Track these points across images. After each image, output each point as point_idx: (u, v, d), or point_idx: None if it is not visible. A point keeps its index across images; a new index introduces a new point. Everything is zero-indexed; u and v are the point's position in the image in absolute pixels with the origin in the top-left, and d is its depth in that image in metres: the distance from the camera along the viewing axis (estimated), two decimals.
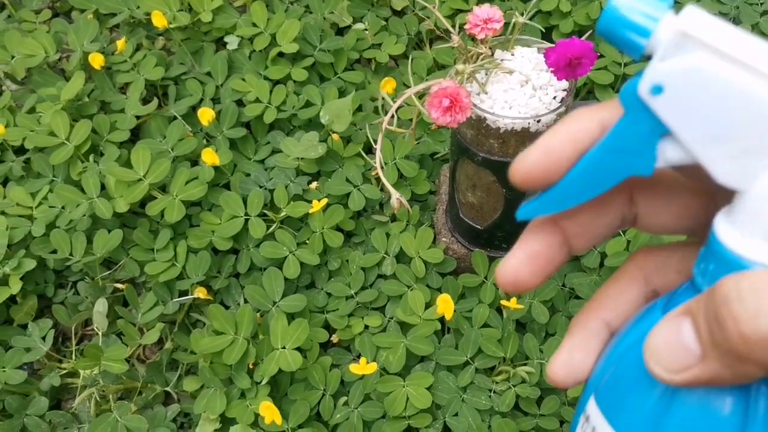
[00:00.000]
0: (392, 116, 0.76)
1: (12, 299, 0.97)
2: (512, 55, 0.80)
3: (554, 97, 0.77)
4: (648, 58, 0.22)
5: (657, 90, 0.22)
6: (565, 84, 0.78)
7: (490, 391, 0.86)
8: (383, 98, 0.77)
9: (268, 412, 0.76)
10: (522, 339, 0.88)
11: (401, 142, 1.01)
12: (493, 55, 0.79)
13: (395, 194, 0.73)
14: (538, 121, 0.75)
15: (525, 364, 0.86)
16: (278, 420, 0.77)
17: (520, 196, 0.85)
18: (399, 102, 0.76)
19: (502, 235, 0.91)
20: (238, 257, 0.97)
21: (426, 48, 1.17)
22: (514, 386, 0.85)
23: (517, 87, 0.77)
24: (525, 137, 0.77)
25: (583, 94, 1.12)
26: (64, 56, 1.19)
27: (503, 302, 0.85)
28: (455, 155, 0.85)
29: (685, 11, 0.21)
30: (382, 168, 0.74)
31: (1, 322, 0.95)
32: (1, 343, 0.91)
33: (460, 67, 0.74)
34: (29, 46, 1.10)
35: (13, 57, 1.11)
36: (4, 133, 1.01)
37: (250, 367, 0.86)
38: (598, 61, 1.11)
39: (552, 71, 0.69)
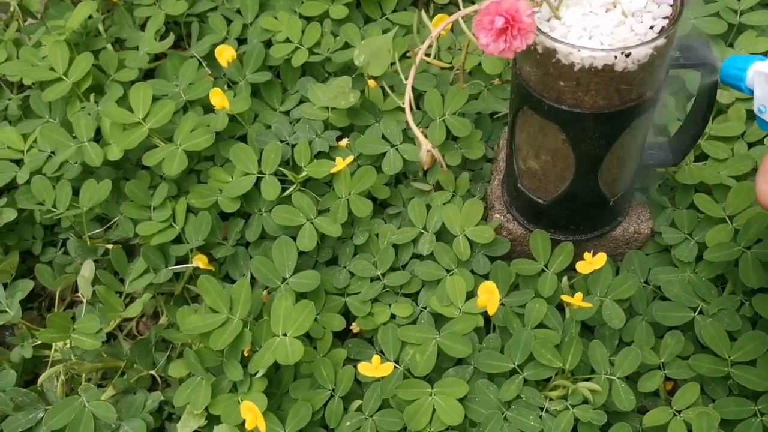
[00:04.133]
0: (430, 45, 0.57)
1: None
2: None
3: (651, 27, 0.57)
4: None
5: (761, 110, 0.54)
6: (667, 10, 0.58)
7: (542, 409, 0.67)
8: (422, 21, 0.59)
9: (251, 414, 0.60)
10: (587, 347, 0.69)
11: (453, 94, 0.82)
12: None
13: (426, 144, 0.55)
14: (628, 56, 0.55)
15: (589, 379, 0.67)
16: (262, 427, 0.61)
17: (595, 162, 0.65)
18: (441, 27, 0.58)
19: (569, 213, 0.72)
20: (247, 223, 0.81)
21: None
22: (573, 407, 0.66)
23: (600, 11, 0.58)
24: (608, 79, 0.57)
25: None
26: None
27: (564, 297, 0.66)
28: (515, 105, 0.67)
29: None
30: (411, 110, 0.56)
31: None
32: None
33: None
34: None
35: None
36: None
37: (245, 355, 0.70)
38: (708, 6, 0.89)
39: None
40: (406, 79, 0.61)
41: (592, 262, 0.66)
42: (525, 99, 0.63)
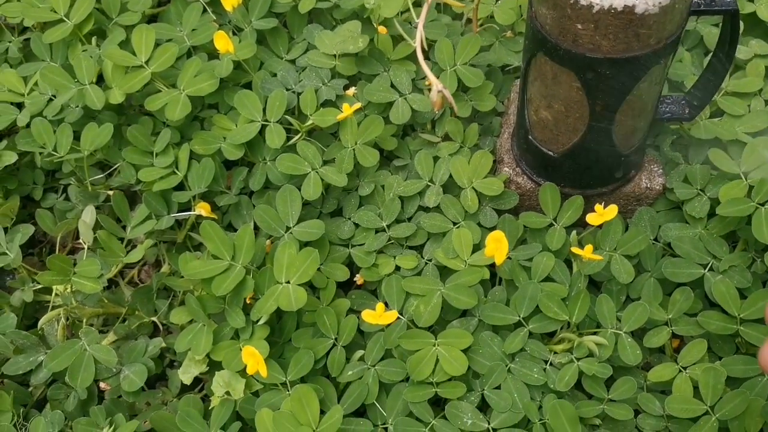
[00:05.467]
0: None
1: None
2: None
3: None
4: None
5: None
6: None
7: (546, 362, 0.66)
8: None
9: (252, 359, 0.60)
10: (593, 302, 0.68)
11: (465, 44, 0.80)
12: None
13: (437, 85, 0.53)
14: None
15: (595, 334, 0.66)
16: (263, 371, 0.60)
17: (610, 112, 0.63)
18: None
19: (580, 166, 0.70)
20: (251, 171, 0.80)
21: None
22: (578, 360, 0.65)
23: None
24: (627, 22, 0.55)
25: None
26: None
27: (575, 250, 0.64)
28: (529, 52, 0.65)
29: None
30: (424, 51, 0.54)
31: None
32: None
33: None
34: None
35: None
36: None
37: (248, 302, 0.69)
38: None
39: None
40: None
41: (603, 214, 0.65)
42: (540, 44, 0.61)
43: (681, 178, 0.75)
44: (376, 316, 0.61)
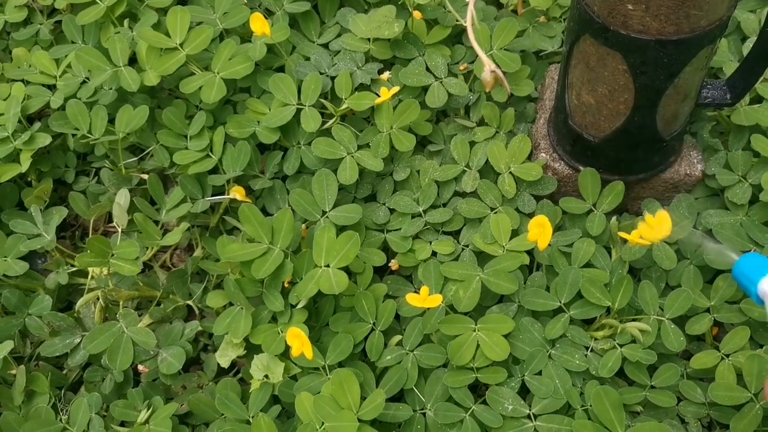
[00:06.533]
0: None
1: (28, 183, 0.84)
2: None
3: None
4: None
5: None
6: None
7: (587, 348, 0.66)
8: None
9: (297, 341, 0.59)
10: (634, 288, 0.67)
11: (502, 28, 0.79)
12: None
13: (489, 65, 0.52)
14: None
15: (635, 320, 0.66)
16: (309, 353, 0.60)
17: (656, 95, 0.63)
18: None
19: (620, 152, 0.70)
20: (285, 155, 0.79)
21: None
22: (621, 346, 0.65)
23: None
24: (680, 3, 0.54)
25: None
26: None
27: (622, 234, 0.63)
28: (573, 34, 0.64)
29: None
30: (473, 25, 0.53)
31: (13, 205, 0.82)
32: (9, 232, 0.77)
33: None
34: None
35: None
36: None
37: (286, 285, 0.69)
38: None
39: None
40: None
41: (656, 229, 0.59)
42: (586, 26, 0.61)
43: (721, 164, 0.74)
44: (420, 299, 0.60)
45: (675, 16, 0.55)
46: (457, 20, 0.78)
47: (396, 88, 0.73)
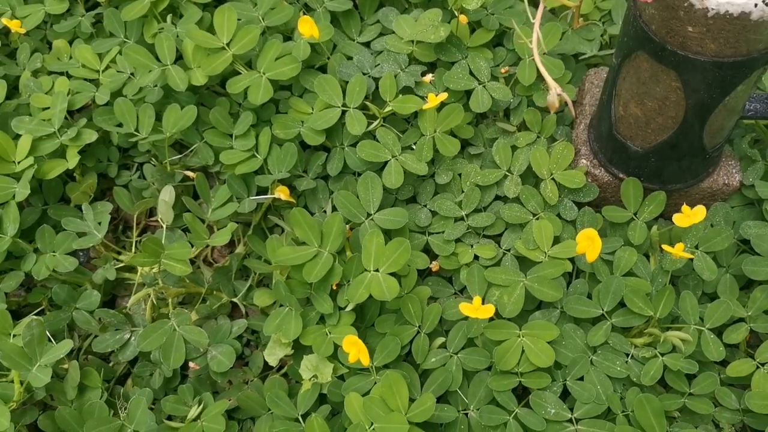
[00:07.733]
0: None
1: (70, 176, 0.84)
2: None
3: None
4: None
5: None
6: None
7: (628, 356, 0.68)
8: None
9: (354, 348, 0.61)
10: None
11: (545, 33, 0.80)
12: None
13: (555, 87, 0.53)
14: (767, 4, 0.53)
15: (669, 329, 0.67)
16: (365, 360, 0.62)
17: (705, 111, 0.64)
18: None
19: (663, 162, 0.71)
20: (329, 156, 0.80)
21: None
22: (663, 355, 0.67)
23: None
24: (740, 28, 0.55)
25: None
26: None
27: (665, 247, 0.65)
28: (627, 49, 0.65)
29: None
30: (539, 48, 0.54)
31: (57, 200, 0.83)
32: (54, 224, 0.79)
33: None
34: None
35: None
36: None
37: (334, 288, 0.71)
38: None
39: None
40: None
41: (691, 216, 0.65)
42: (642, 43, 0.62)
43: (759, 175, 0.75)
44: (473, 309, 0.62)
45: (734, 39, 0.56)
46: (500, 26, 0.79)
47: (444, 95, 0.74)
